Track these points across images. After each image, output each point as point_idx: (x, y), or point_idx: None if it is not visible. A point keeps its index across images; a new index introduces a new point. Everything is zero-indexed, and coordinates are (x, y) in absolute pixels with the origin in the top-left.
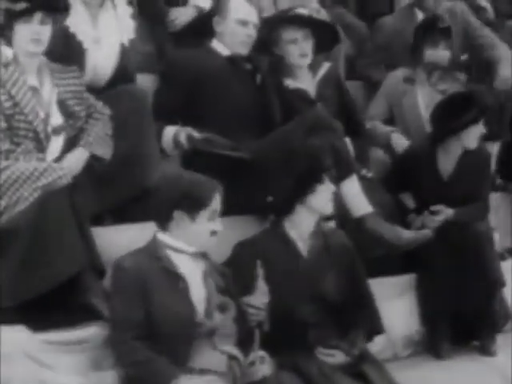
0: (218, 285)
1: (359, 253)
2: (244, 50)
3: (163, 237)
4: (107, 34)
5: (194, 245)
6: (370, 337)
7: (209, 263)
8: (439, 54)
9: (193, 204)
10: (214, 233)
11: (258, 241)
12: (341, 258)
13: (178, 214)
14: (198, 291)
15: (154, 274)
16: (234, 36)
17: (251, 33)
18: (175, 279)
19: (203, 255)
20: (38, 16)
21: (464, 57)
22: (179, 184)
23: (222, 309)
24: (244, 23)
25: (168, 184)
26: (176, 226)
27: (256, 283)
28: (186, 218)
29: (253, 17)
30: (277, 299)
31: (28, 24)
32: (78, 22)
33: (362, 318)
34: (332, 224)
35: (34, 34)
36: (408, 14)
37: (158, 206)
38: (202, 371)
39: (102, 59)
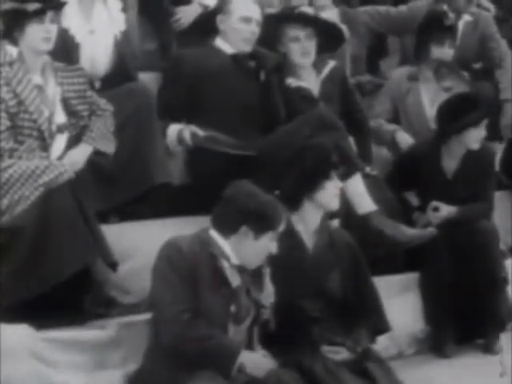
0: (248, 296)
1: (363, 250)
2: (247, 47)
3: (218, 238)
4: (101, 26)
5: (247, 260)
6: (375, 335)
7: (245, 277)
8: (445, 51)
9: (262, 225)
10: (270, 253)
11: None
12: (345, 256)
13: (244, 229)
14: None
15: (205, 268)
16: (237, 33)
17: (255, 30)
18: (223, 283)
19: (243, 270)
20: (49, 15)
21: (478, 65)
22: (253, 201)
23: (240, 321)
24: (247, 20)
25: (242, 198)
26: (237, 239)
27: (262, 282)
28: (250, 235)
29: (256, 14)
30: (282, 294)
31: (40, 24)
32: (71, 16)
33: (367, 316)
34: (336, 222)
35: (46, 32)
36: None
37: (226, 215)
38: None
39: (97, 50)
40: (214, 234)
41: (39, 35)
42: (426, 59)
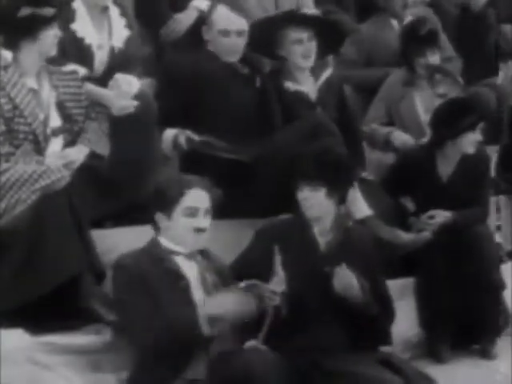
0: (215, 284)
1: None
2: (232, 58)
3: (161, 239)
4: (108, 41)
5: (182, 244)
6: (376, 345)
7: (206, 262)
8: (428, 60)
9: (164, 202)
10: (197, 230)
11: (277, 227)
12: (359, 257)
13: (157, 216)
14: (197, 293)
15: (154, 275)
16: (218, 46)
17: (235, 42)
18: (176, 279)
19: (201, 253)
20: (58, 21)
21: None
22: (156, 187)
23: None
24: (225, 33)
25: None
26: (164, 229)
27: (274, 269)
28: (163, 218)
29: (237, 25)
30: (288, 290)
31: (53, 29)
32: (84, 27)
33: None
34: None
35: (55, 38)
36: (382, 20)
37: (146, 216)
38: (193, 381)
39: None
40: (158, 236)
41: (52, 41)
42: (415, 69)
